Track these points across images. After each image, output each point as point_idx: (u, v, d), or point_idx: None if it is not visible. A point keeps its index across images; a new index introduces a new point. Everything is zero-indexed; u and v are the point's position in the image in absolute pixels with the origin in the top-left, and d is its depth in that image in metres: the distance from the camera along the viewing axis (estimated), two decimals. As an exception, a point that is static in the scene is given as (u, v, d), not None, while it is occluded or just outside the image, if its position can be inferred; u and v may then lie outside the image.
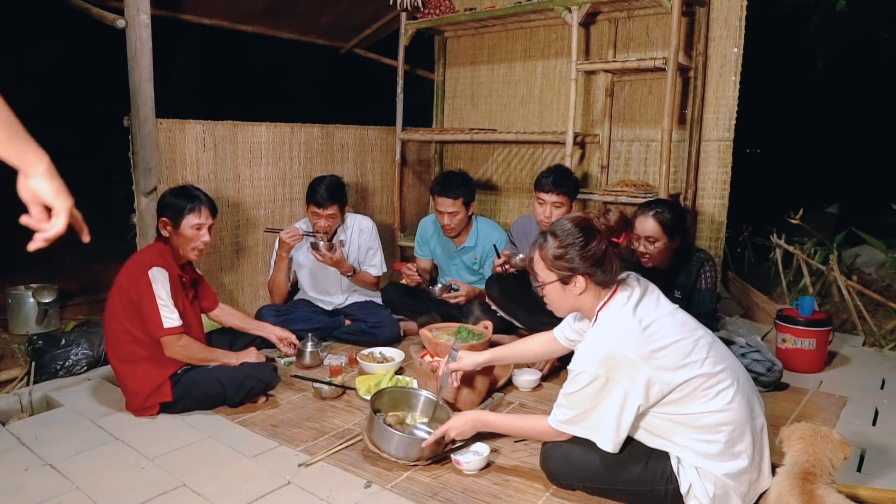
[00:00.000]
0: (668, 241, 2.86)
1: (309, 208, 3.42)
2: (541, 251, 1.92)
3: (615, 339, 1.79)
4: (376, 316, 3.56)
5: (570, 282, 1.88)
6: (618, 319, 1.84)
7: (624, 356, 1.76)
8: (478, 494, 2.04)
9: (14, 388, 2.92)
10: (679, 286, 2.97)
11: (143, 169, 3.21)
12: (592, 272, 1.86)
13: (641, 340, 1.78)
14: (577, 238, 1.85)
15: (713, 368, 1.80)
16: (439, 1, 4.37)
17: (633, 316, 1.83)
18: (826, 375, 3.20)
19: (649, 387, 1.76)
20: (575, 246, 1.85)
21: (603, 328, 1.85)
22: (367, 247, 3.65)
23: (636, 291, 1.89)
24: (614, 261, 1.87)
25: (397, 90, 4.50)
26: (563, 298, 1.93)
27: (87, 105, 7.22)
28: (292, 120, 4.12)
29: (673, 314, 1.90)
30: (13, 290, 3.72)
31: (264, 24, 4.61)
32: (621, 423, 1.79)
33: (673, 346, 1.79)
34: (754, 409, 1.86)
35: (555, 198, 3.20)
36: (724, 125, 3.71)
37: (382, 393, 2.42)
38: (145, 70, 3.10)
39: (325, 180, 3.42)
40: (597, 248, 1.85)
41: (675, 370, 1.77)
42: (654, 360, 1.76)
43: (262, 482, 2.10)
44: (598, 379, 1.78)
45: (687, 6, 3.60)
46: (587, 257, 1.84)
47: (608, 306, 1.88)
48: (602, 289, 1.89)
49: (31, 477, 2.15)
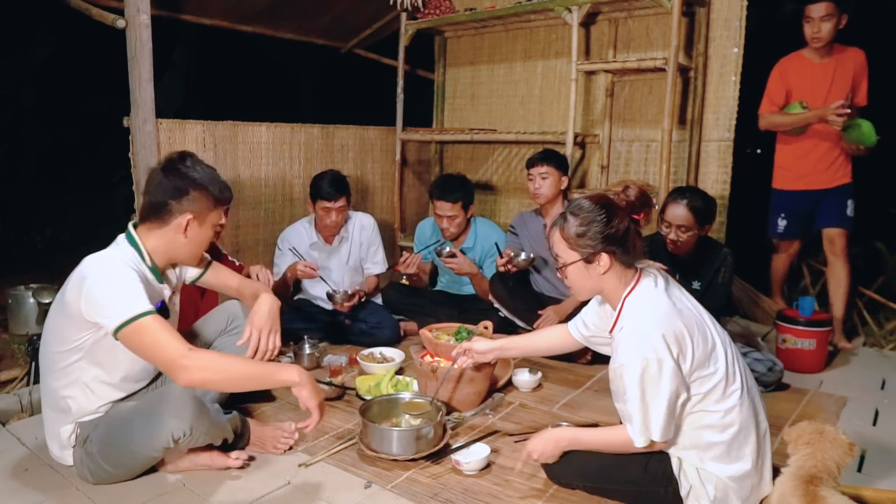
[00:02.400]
0: (697, 230, 2.86)
1: (317, 205, 3.41)
2: (561, 231, 1.83)
3: (652, 320, 1.73)
4: (376, 316, 3.56)
5: (593, 260, 1.80)
6: (649, 301, 1.78)
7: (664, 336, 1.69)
8: (478, 495, 2.03)
9: (14, 389, 2.92)
10: (700, 277, 2.97)
11: (144, 169, 3.20)
12: (616, 250, 1.79)
13: (677, 322, 1.73)
14: (599, 215, 1.79)
15: (731, 367, 1.78)
16: (439, 1, 4.37)
17: (666, 297, 1.78)
18: (826, 376, 3.20)
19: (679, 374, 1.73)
20: (597, 223, 1.78)
21: (635, 312, 1.78)
22: (369, 244, 3.65)
23: (660, 279, 1.85)
24: (636, 239, 1.82)
25: (397, 90, 4.50)
26: (587, 279, 1.85)
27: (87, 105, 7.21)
28: (292, 120, 4.12)
29: (697, 306, 1.87)
30: (13, 290, 3.72)
31: (264, 24, 4.61)
32: (675, 410, 1.74)
33: (700, 336, 1.75)
34: (759, 413, 1.85)
35: (541, 169, 3.28)
36: (724, 125, 3.71)
37: (371, 403, 2.41)
38: (145, 70, 3.10)
39: (327, 175, 3.44)
40: (619, 225, 1.79)
41: (701, 363, 1.74)
42: (685, 347, 1.72)
43: (262, 482, 2.10)
44: (650, 363, 1.68)
45: (687, 6, 3.60)
46: (610, 234, 1.78)
47: (635, 292, 1.81)
48: (626, 269, 1.83)
49: (31, 477, 2.14)
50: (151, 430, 1.91)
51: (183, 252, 2.07)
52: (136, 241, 2.01)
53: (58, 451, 2.09)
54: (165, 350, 1.79)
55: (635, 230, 1.82)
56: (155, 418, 1.91)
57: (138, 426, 1.93)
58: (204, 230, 2.05)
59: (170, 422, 1.89)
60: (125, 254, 1.98)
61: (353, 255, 3.61)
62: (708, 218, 2.88)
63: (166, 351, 1.79)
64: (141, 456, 1.98)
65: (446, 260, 3.48)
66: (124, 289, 1.84)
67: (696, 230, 2.85)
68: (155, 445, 1.93)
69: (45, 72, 7.10)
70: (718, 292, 2.96)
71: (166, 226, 2.00)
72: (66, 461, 2.08)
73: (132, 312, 1.80)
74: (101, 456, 1.98)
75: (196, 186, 2.00)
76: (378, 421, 2.35)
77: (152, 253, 2.02)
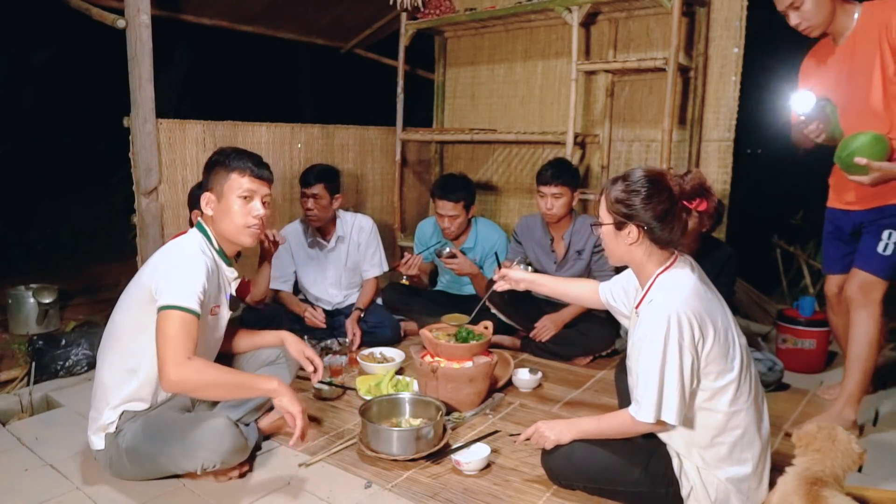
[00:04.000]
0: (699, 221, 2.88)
1: (301, 194, 3.46)
2: (606, 193, 1.85)
3: (682, 298, 1.72)
4: (376, 316, 3.56)
5: (623, 229, 1.79)
6: (681, 281, 1.77)
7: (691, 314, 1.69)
8: (478, 495, 2.03)
9: (14, 389, 2.92)
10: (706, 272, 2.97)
11: (144, 169, 3.21)
12: (649, 226, 1.76)
13: (706, 307, 1.74)
14: (643, 187, 1.77)
15: (744, 372, 1.77)
16: (439, 1, 4.37)
17: (699, 283, 1.79)
18: (826, 376, 3.20)
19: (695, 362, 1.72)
20: (639, 194, 1.77)
21: (665, 288, 1.77)
22: (367, 246, 3.65)
23: (697, 268, 1.85)
24: (677, 222, 1.78)
25: (397, 90, 4.50)
26: (616, 245, 1.85)
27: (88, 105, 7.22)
28: (292, 120, 4.12)
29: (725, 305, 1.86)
30: (13, 290, 3.72)
31: (264, 24, 4.61)
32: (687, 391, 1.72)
33: (723, 331, 1.75)
34: (763, 419, 1.85)
35: (554, 189, 3.21)
36: (724, 125, 3.71)
37: (371, 403, 2.41)
38: (145, 70, 3.10)
39: (317, 165, 3.51)
40: (659, 202, 1.75)
41: (718, 357, 1.73)
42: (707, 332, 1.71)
43: (262, 482, 2.10)
44: (671, 339, 1.68)
45: (687, 6, 3.60)
46: (647, 208, 1.76)
47: (669, 271, 1.80)
48: (658, 249, 1.81)
49: (31, 477, 2.14)
50: (185, 452, 1.96)
51: (224, 230, 2.13)
52: (205, 227, 2.16)
53: (93, 435, 2.10)
54: (174, 346, 1.87)
55: (679, 214, 1.78)
56: (192, 443, 1.96)
57: (173, 443, 1.98)
58: (226, 201, 2.10)
59: (204, 453, 1.95)
60: (198, 238, 2.13)
61: (350, 256, 3.61)
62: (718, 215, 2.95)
63: (174, 348, 1.87)
64: (164, 468, 2.04)
65: (447, 261, 3.47)
66: (189, 280, 1.95)
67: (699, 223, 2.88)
68: (182, 466, 2.01)
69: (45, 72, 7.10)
70: (722, 290, 2.95)
71: (204, 212, 2.15)
72: (96, 445, 2.09)
73: (181, 302, 1.91)
74: (128, 453, 2.02)
75: (209, 168, 2.14)
76: (378, 421, 2.35)
77: (217, 238, 2.16)
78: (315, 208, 3.40)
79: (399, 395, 2.54)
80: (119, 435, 2.04)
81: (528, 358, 3.35)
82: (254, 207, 2.11)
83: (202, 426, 1.99)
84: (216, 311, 2.16)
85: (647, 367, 1.72)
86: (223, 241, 2.16)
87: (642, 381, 1.74)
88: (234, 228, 2.12)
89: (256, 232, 2.14)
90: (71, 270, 4.80)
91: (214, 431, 1.98)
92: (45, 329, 3.63)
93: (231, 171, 2.10)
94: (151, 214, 3.26)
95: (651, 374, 1.71)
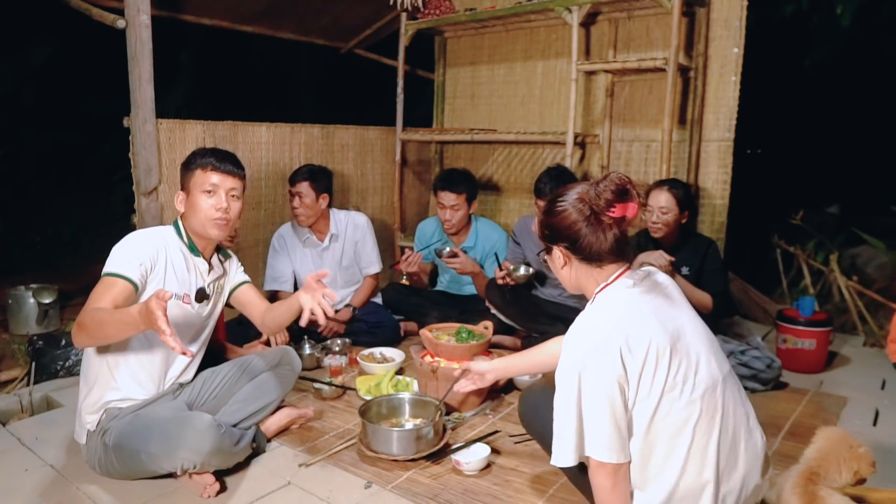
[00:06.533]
0: (678, 213, 3.03)
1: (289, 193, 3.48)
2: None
3: (608, 318, 1.53)
4: (376, 316, 3.56)
5: (550, 253, 1.69)
6: (620, 300, 1.57)
7: (622, 337, 1.47)
8: (478, 495, 2.03)
9: (14, 389, 2.92)
10: (688, 263, 3.07)
11: (143, 169, 3.21)
12: (569, 244, 1.61)
13: (644, 325, 1.50)
14: (552, 204, 1.64)
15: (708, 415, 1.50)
16: (439, 1, 4.37)
17: (640, 298, 1.57)
18: (826, 376, 3.20)
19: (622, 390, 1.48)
20: (552, 213, 1.63)
21: (595, 309, 1.59)
22: (363, 243, 3.64)
23: (647, 280, 1.63)
24: (594, 235, 1.57)
25: (397, 90, 4.50)
26: (557, 272, 1.72)
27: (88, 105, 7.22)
28: (292, 120, 4.12)
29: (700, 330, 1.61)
30: (13, 291, 3.73)
31: (264, 24, 4.61)
32: (620, 424, 1.48)
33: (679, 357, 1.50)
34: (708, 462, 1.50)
35: None
36: (724, 125, 3.70)
37: (371, 404, 2.42)
38: (145, 70, 3.10)
39: (306, 165, 3.54)
40: (570, 218, 1.58)
41: (670, 388, 1.49)
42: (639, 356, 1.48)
43: (262, 482, 2.10)
44: (589, 367, 1.47)
45: (687, 6, 3.60)
46: (558, 227, 1.61)
47: (608, 289, 1.60)
48: (594, 267, 1.61)
49: (31, 477, 2.14)
50: (166, 451, 1.95)
51: (193, 225, 2.20)
52: (178, 222, 2.24)
53: (78, 428, 2.14)
54: (89, 302, 1.92)
55: (596, 225, 1.57)
56: (173, 441, 1.95)
57: (155, 441, 1.97)
58: (192, 197, 2.18)
59: (184, 452, 1.94)
60: (166, 230, 2.22)
61: (346, 253, 3.61)
62: (687, 204, 3.07)
63: (88, 302, 1.92)
64: (148, 467, 2.02)
65: (448, 260, 3.47)
66: (127, 252, 2.04)
67: (678, 213, 3.02)
68: (163, 465, 1.99)
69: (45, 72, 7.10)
70: (717, 278, 3.07)
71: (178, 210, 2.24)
72: (80, 439, 2.12)
73: (110, 268, 1.99)
74: (114, 451, 2.02)
75: (182, 169, 2.24)
76: (378, 421, 2.35)
77: (189, 233, 2.22)
78: (300, 206, 3.41)
79: (399, 395, 2.54)
80: (106, 434, 2.04)
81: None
82: (217, 200, 2.17)
83: (184, 424, 1.98)
84: (186, 299, 2.18)
85: (561, 403, 1.53)
86: (194, 236, 2.22)
87: (556, 417, 1.54)
88: (200, 222, 2.17)
89: (222, 224, 2.18)
90: (71, 270, 4.79)
91: (195, 430, 1.95)
92: (45, 329, 3.63)
93: (195, 168, 2.19)
94: (151, 214, 3.26)
95: (565, 411, 1.51)
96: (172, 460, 1.95)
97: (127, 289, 1.96)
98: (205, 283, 2.24)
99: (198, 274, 2.22)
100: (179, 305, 2.14)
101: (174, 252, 2.16)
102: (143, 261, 2.03)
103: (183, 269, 2.17)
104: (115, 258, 2.02)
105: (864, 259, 4.75)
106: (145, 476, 2.06)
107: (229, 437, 2.06)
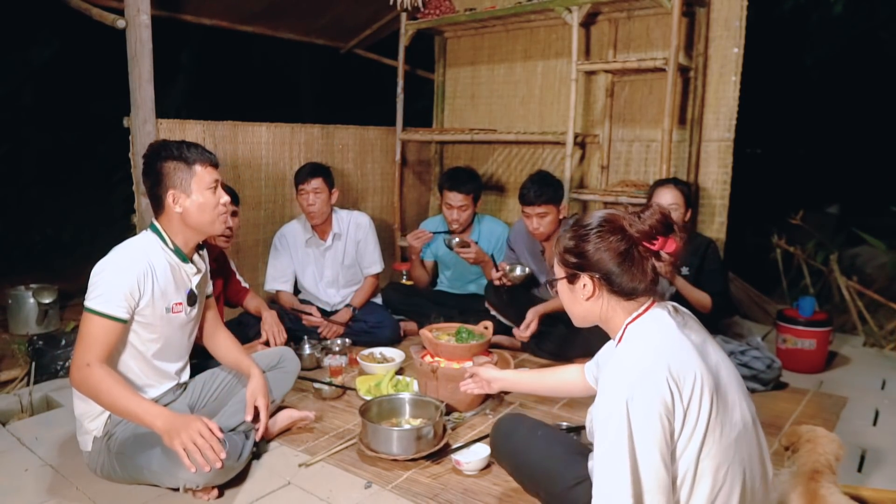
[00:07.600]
0: (684, 211, 2.99)
1: (298, 193, 3.47)
2: (557, 243, 1.61)
3: (654, 349, 1.40)
4: (376, 316, 3.56)
5: (575, 282, 1.54)
6: (657, 328, 1.46)
7: (668, 368, 1.35)
8: (478, 495, 2.04)
9: (14, 389, 2.92)
10: (688, 264, 3.05)
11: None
12: (605, 274, 1.49)
13: (689, 357, 1.39)
14: (592, 230, 1.51)
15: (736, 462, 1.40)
16: (439, 1, 4.37)
17: (678, 331, 1.45)
18: (826, 376, 3.20)
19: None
20: (586, 241, 1.51)
21: (633, 341, 1.47)
22: (365, 242, 3.65)
23: (678, 315, 1.52)
24: (637, 267, 1.48)
25: (397, 90, 4.50)
26: (573, 302, 1.58)
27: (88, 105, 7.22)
28: (292, 120, 4.12)
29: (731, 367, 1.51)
30: (13, 291, 3.73)
31: (264, 24, 4.61)
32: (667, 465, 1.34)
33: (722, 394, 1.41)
34: None
35: (539, 209, 3.18)
36: (724, 125, 3.70)
37: (371, 404, 2.42)
38: (145, 70, 3.09)
39: (308, 163, 3.55)
40: (611, 247, 1.48)
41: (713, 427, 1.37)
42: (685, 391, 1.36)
43: (262, 482, 2.10)
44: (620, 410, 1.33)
45: (687, 6, 3.60)
46: (598, 253, 1.49)
47: (641, 318, 1.49)
48: (623, 299, 1.50)
49: (31, 477, 2.15)
50: (168, 470, 1.95)
51: (197, 224, 2.11)
52: (158, 228, 2.13)
53: (81, 436, 2.12)
54: (83, 349, 1.92)
55: (639, 257, 1.49)
56: (175, 461, 1.89)
57: (157, 460, 1.96)
58: (196, 196, 2.08)
59: (187, 474, 1.91)
60: (147, 241, 2.10)
61: (348, 253, 3.61)
62: (691, 203, 3.04)
63: (83, 350, 1.91)
64: (150, 479, 2.03)
65: (459, 250, 3.49)
66: (113, 286, 1.96)
67: (684, 211, 2.99)
68: (165, 482, 2.01)
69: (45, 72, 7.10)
70: (716, 277, 3.05)
71: (165, 211, 2.10)
72: (85, 447, 2.10)
73: (101, 308, 1.94)
74: (118, 458, 2.02)
75: (163, 163, 2.08)
76: (378, 421, 2.35)
77: (173, 237, 2.12)
78: (316, 202, 3.41)
79: (399, 395, 2.54)
80: (111, 439, 2.04)
81: (528, 358, 3.34)
82: (221, 195, 2.15)
83: None
84: (178, 308, 2.13)
85: (604, 445, 1.36)
86: (186, 238, 2.13)
87: (600, 463, 1.37)
88: (209, 220, 2.11)
89: (225, 217, 2.17)
90: (71, 270, 4.79)
91: None
92: (44, 329, 3.63)
93: (193, 164, 2.08)
94: (151, 214, 3.25)
95: (611, 456, 1.34)
96: (175, 480, 1.96)
97: (117, 329, 1.96)
98: (193, 286, 2.19)
99: (187, 279, 2.17)
100: (170, 318, 2.11)
101: (160, 266, 2.07)
102: (130, 292, 1.97)
103: (171, 282, 2.10)
104: (99, 292, 1.94)
105: (864, 259, 4.76)
106: (148, 483, 2.06)
107: (233, 454, 2.00)
